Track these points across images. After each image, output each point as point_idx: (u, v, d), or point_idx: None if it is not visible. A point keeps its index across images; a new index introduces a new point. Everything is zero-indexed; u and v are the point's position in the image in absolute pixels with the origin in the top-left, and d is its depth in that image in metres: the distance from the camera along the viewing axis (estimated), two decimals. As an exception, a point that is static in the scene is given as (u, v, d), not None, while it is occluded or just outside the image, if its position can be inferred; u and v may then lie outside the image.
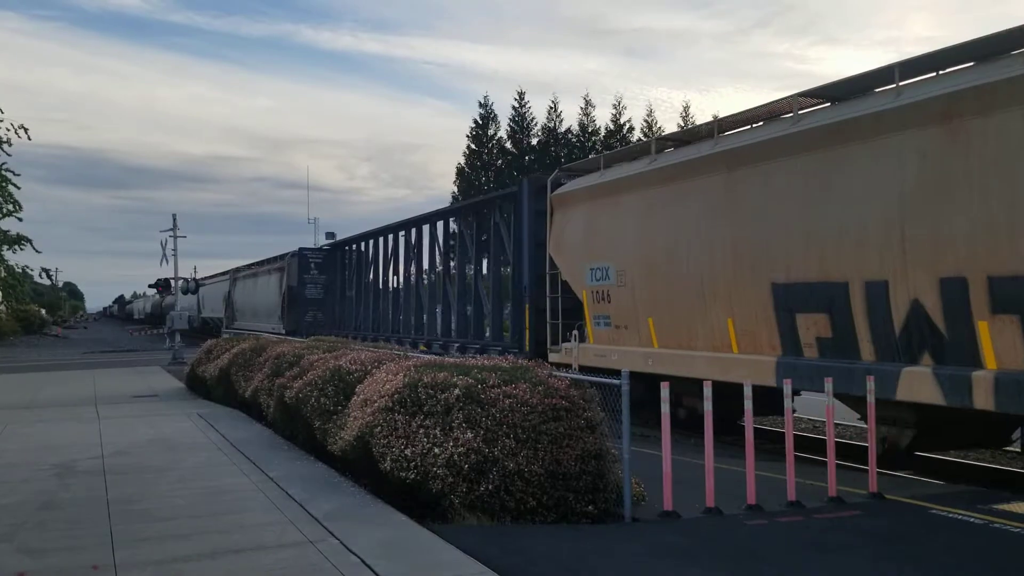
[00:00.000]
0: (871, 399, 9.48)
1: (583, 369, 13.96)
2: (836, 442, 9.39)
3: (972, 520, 8.04)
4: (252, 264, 48.67)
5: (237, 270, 49.58)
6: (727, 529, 7.87)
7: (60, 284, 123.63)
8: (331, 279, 36.38)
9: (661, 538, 7.55)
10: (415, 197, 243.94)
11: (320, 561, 6.63)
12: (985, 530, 7.74)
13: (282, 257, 39.52)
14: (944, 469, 12.41)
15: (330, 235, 40.66)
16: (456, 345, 22.97)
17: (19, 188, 32.04)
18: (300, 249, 37.40)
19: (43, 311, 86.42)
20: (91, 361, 36.55)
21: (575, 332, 17.24)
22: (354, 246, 34.93)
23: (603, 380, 8.86)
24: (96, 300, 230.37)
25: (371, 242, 32.41)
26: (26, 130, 30.72)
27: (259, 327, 37.24)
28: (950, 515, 8.25)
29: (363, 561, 6.57)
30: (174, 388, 22.99)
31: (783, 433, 9.43)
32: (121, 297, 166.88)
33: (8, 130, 30.07)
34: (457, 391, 8.46)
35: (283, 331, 33.44)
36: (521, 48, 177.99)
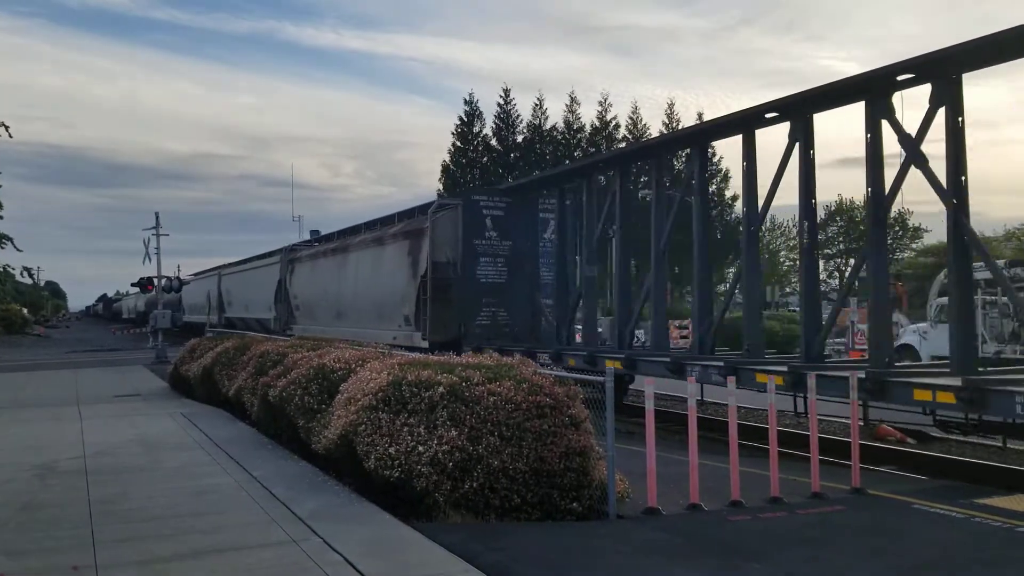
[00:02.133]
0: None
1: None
2: (820, 438, 9.44)
3: (954, 515, 8.10)
4: (345, 231, 32.92)
5: (294, 248, 36.30)
6: (710, 525, 7.89)
7: (42, 283, 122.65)
8: (526, 246, 21.56)
9: (645, 535, 7.56)
10: (401, 195, 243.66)
11: (303, 560, 6.60)
12: (967, 524, 7.80)
13: (413, 215, 25.05)
14: (927, 464, 12.50)
15: (314, 232, 39.90)
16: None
17: (1, 186, 31.74)
18: (467, 193, 24.28)
19: (25, 310, 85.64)
20: (74, 360, 36.24)
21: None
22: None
23: (587, 377, 8.87)
24: (79, 299, 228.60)
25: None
26: (7, 128, 30.40)
27: (362, 334, 23.33)
28: (932, 510, 8.32)
29: (346, 560, 6.54)
30: (157, 387, 22.84)
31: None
32: (105, 296, 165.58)
33: (-12, 128, 29.76)
34: (441, 389, 8.44)
35: (423, 344, 20.51)
36: (506, 45, 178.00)
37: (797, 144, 13.60)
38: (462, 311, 20.93)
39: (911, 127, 11.81)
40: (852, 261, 69.62)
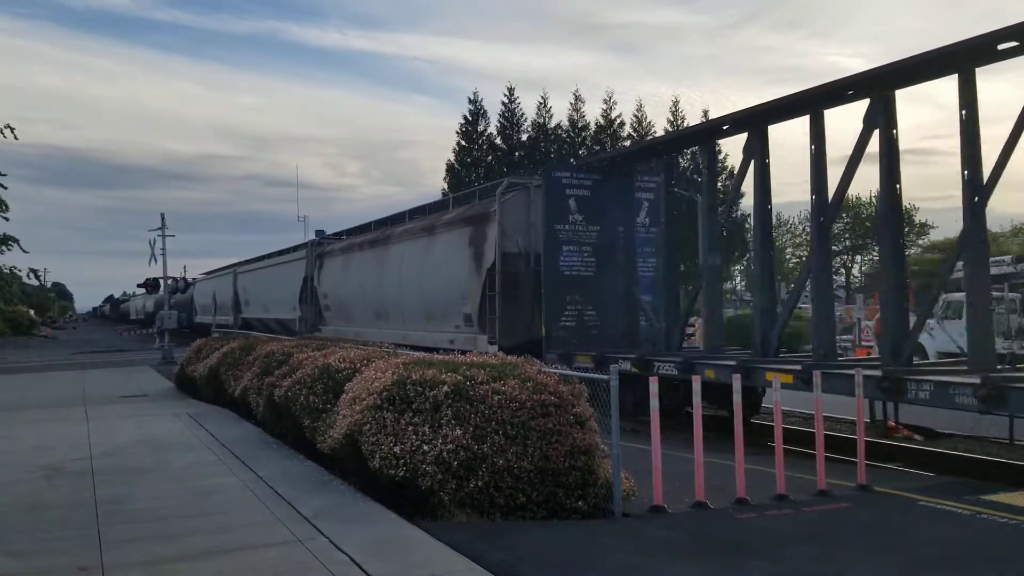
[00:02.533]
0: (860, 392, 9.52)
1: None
2: (825, 435, 9.42)
3: (960, 511, 8.08)
4: (385, 221, 28.83)
5: (322, 242, 33.06)
6: (716, 523, 7.88)
7: (49, 284, 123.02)
8: (619, 232, 18.51)
9: (650, 533, 7.55)
10: (406, 194, 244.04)
11: (309, 560, 6.61)
12: (972, 521, 7.78)
13: (473, 198, 22.77)
14: (933, 461, 12.47)
15: (320, 232, 39.74)
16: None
17: (6, 188, 31.84)
18: (547, 169, 19.93)
19: (32, 312, 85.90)
20: (81, 361, 36.35)
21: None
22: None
23: (592, 376, 8.86)
24: (85, 300, 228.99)
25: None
26: (12, 129, 30.46)
27: (409, 336, 22.05)
28: (938, 506, 8.29)
29: (352, 559, 6.55)
30: (164, 388, 22.89)
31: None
32: (111, 296, 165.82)
33: (-7, 130, 29.85)
34: (446, 388, 8.44)
35: (491, 349, 17.14)
36: (509, 44, 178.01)
37: (876, 125, 12.18)
38: (548, 310, 17.49)
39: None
40: (859, 257, 69.54)
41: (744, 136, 15.21)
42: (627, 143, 59.77)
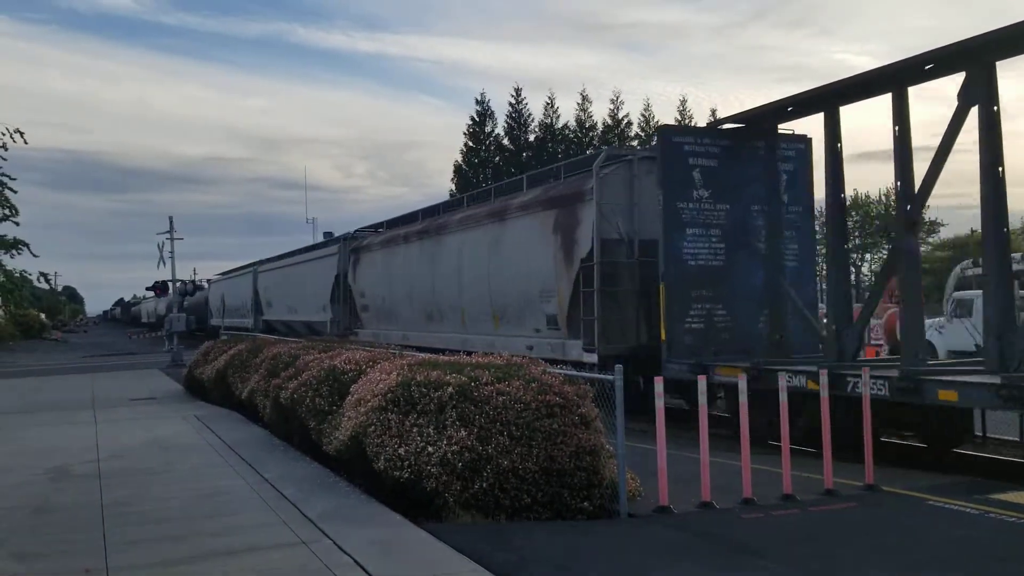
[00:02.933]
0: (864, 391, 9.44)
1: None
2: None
3: (968, 510, 8.02)
4: (435, 209, 25.88)
5: (357, 236, 29.85)
6: (722, 523, 7.84)
7: (59, 288, 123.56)
8: (756, 211, 15.23)
9: (656, 534, 7.52)
10: (413, 195, 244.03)
11: (313, 562, 6.60)
12: (981, 520, 7.72)
13: (556, 175, 19.18)
14: (941, 460, 12.37)
15: (328, 234, 39.59)
16: None
17: (15, 192, 31.98)
18: (665, 132, 15.58)
19: (42, 315, 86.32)
20: (90, 365, 36.52)
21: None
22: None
23: (596, 376, 8.83)
24: (96, 303, 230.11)
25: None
26: (22, 134, 30.60)
27: (472, 341, 19.36)
28: (946, 506, 8.23)
29: (356, 561, 6.54)
30: (172, 390, 22.96)
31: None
32: (122, 300, 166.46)
33: (3, 134, 29.98)
34: (450, 389, 8.43)
35: (588, 358, 15.39)
36: (515, 44, 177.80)
37: (975, 102, 10.79)
38: (669, 309, 14.11)
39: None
40: (868, 256, 69.20)
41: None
42: (634, 143, 59.72)
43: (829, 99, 13.26)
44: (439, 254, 22.44)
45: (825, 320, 14.06)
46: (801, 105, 13.77)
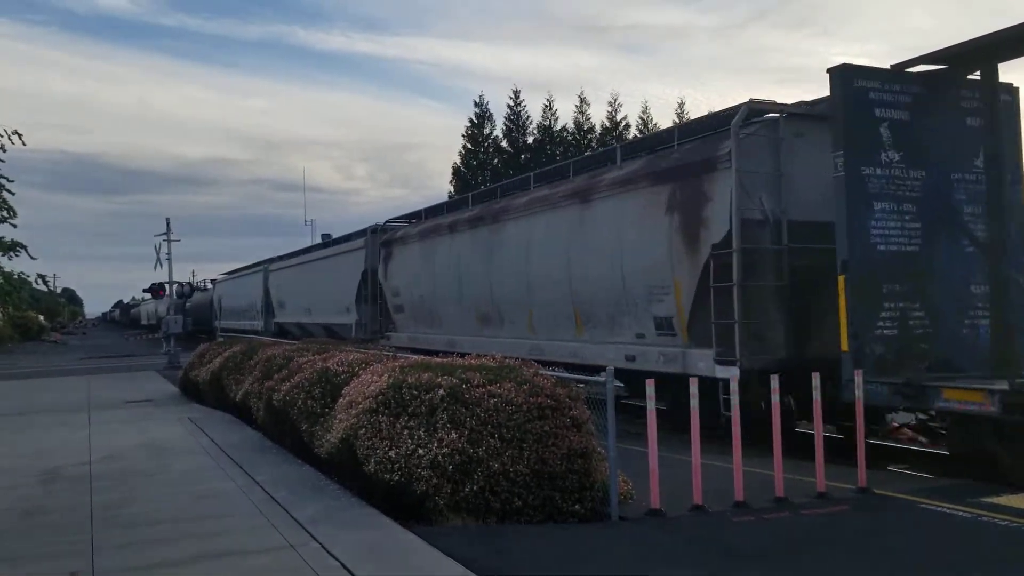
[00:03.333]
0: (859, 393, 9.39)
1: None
2: (825, 437, 9.33)
3: (961, 514, 7.98)
4: (489, 193, 23.01)
5: (387, 227, 26.87)
6: (713, 527, 7.80)
7: (59, 290, 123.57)
8: (950, 177, 11.82)
9: (647, 537, 7.49)
10: (413, 197, 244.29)
11: (300, 565, 6.57)
12: (973, 523, 7.68)
13: (669, 140, 15.69)
14: (935, 463, 12.33)
15: (326, 236, 39.44)
16: None
17: (13, 194, 31.92)
18: (843, 76, 11.19)
19: (41, 317, 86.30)
20: (88, 367, 36.45)
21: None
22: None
23: (588, 378, 8.79)
24: (95, 305, 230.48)
25: None
26: (20, 136, 30.51)
27: (548, 347, 16.70)
28: (939, 509, 8.20)
29: (343, 565, 6.51)
30: (168, 393, 22.91)
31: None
32: (121, 301, 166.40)
33: (1, 136, 29.90)
34: (441, 391, 8.40)
35: (724, 373, 11.96)
36: (514, 46, 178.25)
37: None
38: (854, 309, 10.95)
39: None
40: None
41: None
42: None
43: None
44: (498, 244, 18.96)
45: None
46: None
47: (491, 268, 19.13)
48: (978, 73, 11.68)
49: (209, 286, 60.22)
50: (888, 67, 11.57)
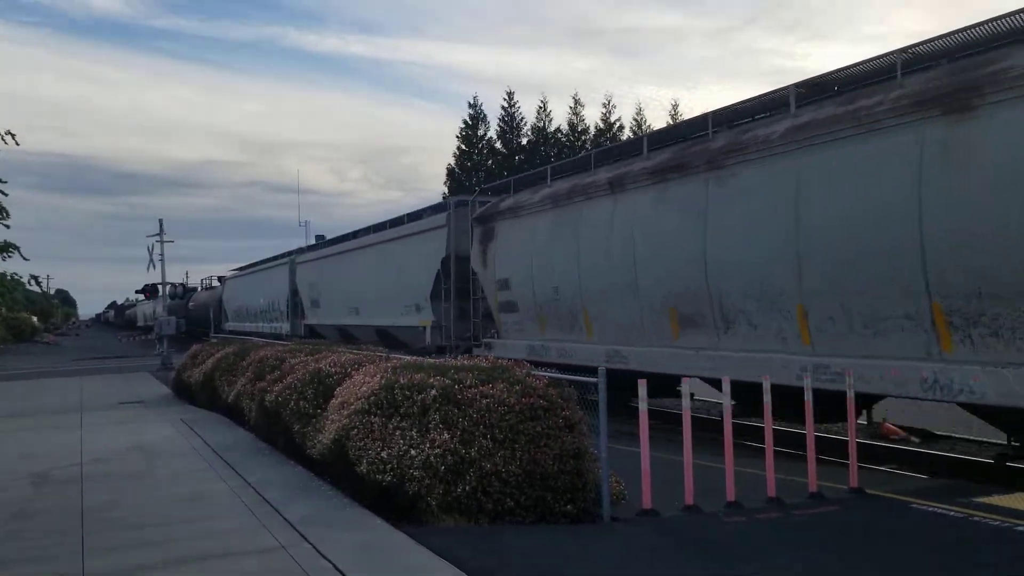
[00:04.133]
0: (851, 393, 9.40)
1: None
2: (816, 436, 9.33)
3: (952, 514, 7.98)
4: (669, 135, 15.82)
5: (477, 199, 21.28)
6: (706, 527, 7.79)
7: (52, 291, 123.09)
8: None
9: (639, 538, 7.47)
10: (408, 199, 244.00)
11: (291, 566, 6.54)
12: (965, 524, 7.68)
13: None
14: (927, 463, 12.37)
15: (320, 238, 39.25)
16: None
17: (6, 195, 31.79)
18: None
19: (35, 318, 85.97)
20: (81, 368, 36.32)
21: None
22: None
23: (579, 378, 8.78)
24: (89, 306, 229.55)
25: None
26: (13, 136, 30.39)
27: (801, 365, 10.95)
28: (930, 509, 8.20)
29: (335, 566, 6.48)
30: (161, 394, 22.84)
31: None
32: (114, 303, 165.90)
33: (-4, 137, 29.76)
34: (434, 392, 8.38)
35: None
36: (509, 48, 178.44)
37: None
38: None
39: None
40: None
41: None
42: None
43: None
44: (722, 199, 12.74)
45: None
46: None
47: (706, 236, 12.93)
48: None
49: (215, 283, 54.65)
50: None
